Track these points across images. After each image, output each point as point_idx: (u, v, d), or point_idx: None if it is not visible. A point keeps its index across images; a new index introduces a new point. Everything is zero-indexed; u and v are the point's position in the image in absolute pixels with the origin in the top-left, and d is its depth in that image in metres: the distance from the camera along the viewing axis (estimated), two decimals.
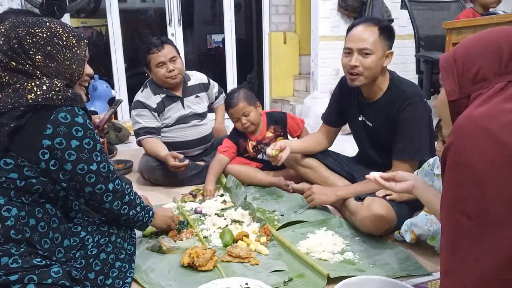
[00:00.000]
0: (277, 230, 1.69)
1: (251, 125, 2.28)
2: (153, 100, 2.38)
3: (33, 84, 1.01)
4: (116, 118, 4.15)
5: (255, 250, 1.52)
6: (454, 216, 0.73)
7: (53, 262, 1.03)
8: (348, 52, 1.69)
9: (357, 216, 1.62)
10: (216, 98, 2.73)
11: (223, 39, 4.67)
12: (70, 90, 1.06)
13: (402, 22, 4.17)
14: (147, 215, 1.31)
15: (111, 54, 4.14)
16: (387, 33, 1.66)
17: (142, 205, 1.29)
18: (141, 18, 5.12)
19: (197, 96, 2.54)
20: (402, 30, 4.23)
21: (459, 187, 0.73)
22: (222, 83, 4.60)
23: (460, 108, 0.85)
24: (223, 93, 2.76)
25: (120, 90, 4.20)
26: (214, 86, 2.71)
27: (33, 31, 1.04)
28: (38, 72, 1.04)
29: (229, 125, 2.49)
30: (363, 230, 1.61)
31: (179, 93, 2.45)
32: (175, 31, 4.30)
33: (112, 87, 4.01)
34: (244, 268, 1.41)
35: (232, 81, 4.66)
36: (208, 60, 5.46)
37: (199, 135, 2.54)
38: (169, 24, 4.28)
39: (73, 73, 1.10)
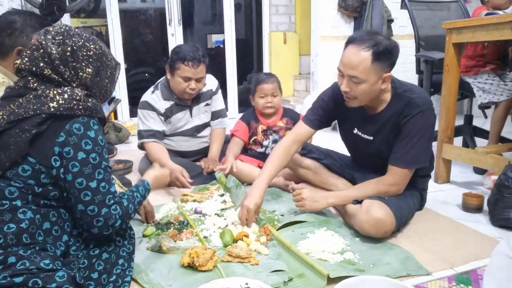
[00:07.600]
0: (277, 230, 1.69)
1: (272, 108, 2.39)
2: (162, 105, 2.33)
3: (55, 92, 1.04)
4: (116, 118, 4.15)
5: (255, 250, 1.52)
6: None
7: (59, 268, 1.03)
8: (340, 74, 1.57)
9: (356, 219, 1.61)
10: (216, 118, 2.55)
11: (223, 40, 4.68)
12: (90, 100, 1.08)
13: (402, 22, 4.18)
14: (141, 200, 1.28)
15: None
16: (385, 56, 1.49)
17: (136, 201, 1.24)
18: (141, 18, 5.12)
19: (207, 104, 2.48)
20: (402, 30, 4.24)
21: None
22: (222, 83, 4.59)
23: None
24: (226, 115, 2.61)
25: (120, 90, 4.20)
26: (218, 100, 2.54)
27: (88, 45, 1.11)
28: (73, 83, 1.08)
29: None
30: (362, 233, 1.59)
31: (189, 102, 2.41)
32: (175, 31, 4.30)
33: None
34: (244, 268, 1.41)
35: (232, 81, 4.65)
36: (208, 60, 5.45)
37: (201, 146, 2.55)
38: (169, 24, 4.28)
39: (107, 91, 1.19)
